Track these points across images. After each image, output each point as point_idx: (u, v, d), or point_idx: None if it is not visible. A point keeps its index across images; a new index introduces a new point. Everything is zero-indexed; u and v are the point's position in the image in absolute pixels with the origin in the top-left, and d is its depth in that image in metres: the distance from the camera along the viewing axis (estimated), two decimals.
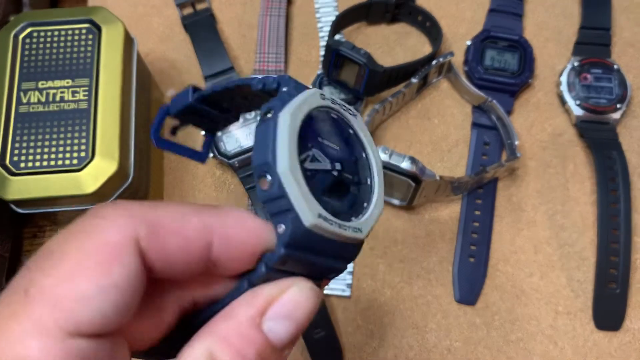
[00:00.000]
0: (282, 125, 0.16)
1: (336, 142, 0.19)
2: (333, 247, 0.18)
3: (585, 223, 0.43)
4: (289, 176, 0.16)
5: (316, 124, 0.18)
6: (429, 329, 0.40)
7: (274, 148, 0.16)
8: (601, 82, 0.45)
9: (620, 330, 0.40)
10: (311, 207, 0.16)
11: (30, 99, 0.37)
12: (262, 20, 0.48)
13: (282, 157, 0.16)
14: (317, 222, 0.16)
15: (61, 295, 0.14)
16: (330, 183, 0.18)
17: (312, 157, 0.18)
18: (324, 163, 0.18)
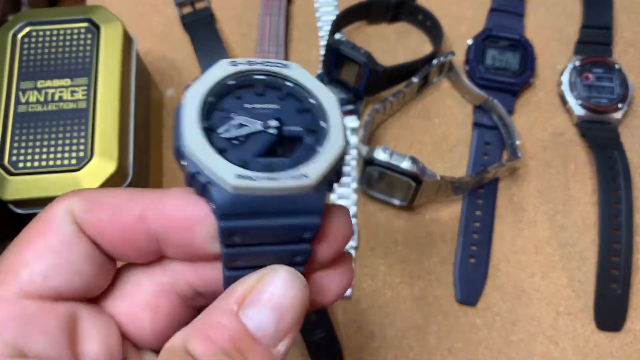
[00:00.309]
0: (185, 107, 0.17)
1: (271, 101, 0.19)
2: (280, 203, 0.17)
3: (586, 223, 0.42)
4: (196, 150, 0.16)
5: (237, 92, 0.18)
6: (429, 329, 0.40)
7: (180, 131, 0.17)
8: (602, 82, 0.45)
9: (621, 330, 0.40)
10: (226, 171, 0.16)
11: (29, 99, 0.37)
12: (261, 19, 0.48)
13: (188, 136, 0.17)
14: (238, 183, 0.16)
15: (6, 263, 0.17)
16: (269, 142, 0.18)
17: (237, 125, 0.18)
18: (254, 125, 0.18)
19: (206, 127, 0.17)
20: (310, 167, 0.17)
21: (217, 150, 0.17)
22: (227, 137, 0.17)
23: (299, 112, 0.19)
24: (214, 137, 0.17)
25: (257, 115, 0.18)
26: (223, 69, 0.18)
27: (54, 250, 0.17)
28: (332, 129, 0.18)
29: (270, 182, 0.16)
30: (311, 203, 0.17)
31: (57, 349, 0.17)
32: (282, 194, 0.17)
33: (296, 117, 0.19)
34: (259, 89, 0.19)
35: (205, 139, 0.17)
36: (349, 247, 0.42)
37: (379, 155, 0.38)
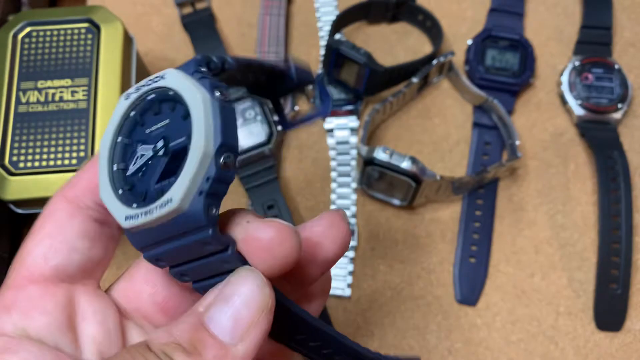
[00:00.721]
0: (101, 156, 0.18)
1: (165, 116, 0.18)
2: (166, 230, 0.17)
3: (586, 223, 0.42)
4: (104, 198, 0.18)
5: (141, 119, 0.18)
6: (429, 329, 0.40)
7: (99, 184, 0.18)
8: (602, 82, 0.45)
9: (621, 330, 0.40)
10: (119, 215, 0.17)
11: (29, 99, 0.37)
12: (261, 19, 0.48)
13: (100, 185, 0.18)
14: (127, 225, 0.17)
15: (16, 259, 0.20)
16: (162, 164, 0.17)
17: (139, 157, 0.18)
18: (147, 153, 0.18)
19: (120, 168, 0.18)
20: (174, 187, 0.16)
21: (123, 191, 0.17)
22: (132, 172, 0.18)
23: (184, 118, 0.17)
24: (126, 175, 0.18)
25: (153, 139, 0.18)
26: (120, 105, 0.18)
27: (50, 235, 0.19)
28: (194, 133, 0.16)
29: (147, 217, 0.16)
30: (190, 222, 0.16)
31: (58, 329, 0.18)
32: (163, 222, 0.16)
33: (183, 125, 0.17)
34: (155, 108, 0.18)
35: (109, 184, 0.18)
36: (349, 247, 0.42)
37: (379, 155, 0.38)
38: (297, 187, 0.44)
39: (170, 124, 0.18)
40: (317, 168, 0.44)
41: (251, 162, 0.42)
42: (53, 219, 0.19)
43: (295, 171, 0.45)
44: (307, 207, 0.43)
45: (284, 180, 0.44)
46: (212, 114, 0.16)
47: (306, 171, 0.45)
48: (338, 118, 0.45)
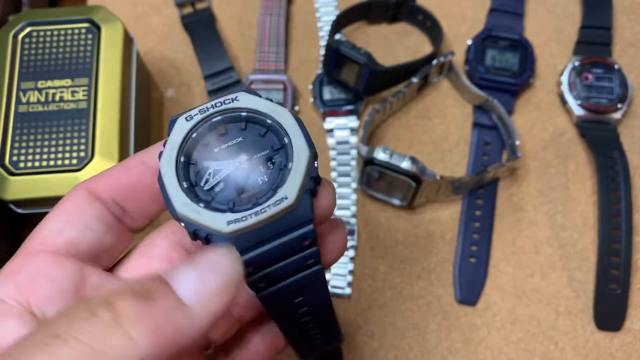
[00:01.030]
0: (164, 175, 0.19)
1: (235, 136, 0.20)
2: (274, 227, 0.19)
3: (586, 223, 0.42)
4: (186, 212, 0.18)
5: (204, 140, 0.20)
6: (429, 329, 0.40)
7: (168, 199, 0.19)
8: (602, 82, 0.45)
9: (621, 330, 0.40)
10: (218, 222, 0.18)
11: (29, 99, 0.37)
12: (262, 19, 0.48)
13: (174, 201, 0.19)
14: (231, 229, 0.18)
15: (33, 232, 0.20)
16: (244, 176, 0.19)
17: (213, 173, 0.19)
18: (226, 168, 0.19)
19: (189, 186, 0.19)
20: (287, 187, 0.19)
21: (204, 204, 0.18)
22: (209, 188, 0.19)
23: (262, 136, 0.20)
24: (199, 191, 0.19)
25: (227, 156, 0.20)
26: (182, 127, 0.20)
27: (68, 212, 0.20)
28: (294, 141, 0.19)
29: (258, 216, 0.18)
30: (299, 217, 0.19)
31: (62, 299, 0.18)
32: (272, 221, 0.18)
33: (260, 141, 0.20)
34: (220, 129, 0.20)
35: (189, 199, 0.18)
36: (349, 247, 0.42)
37: (379, 155, 0.38)
38: None
39: (245, 142, 0.20)
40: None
41: None
42: (72, 201, 0.20)
43: None
44: None
45: None
46: (301, 127, 0.20)
47: None
48: (338, 118, 0.45)
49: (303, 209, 0.19)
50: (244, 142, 0.20)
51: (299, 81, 0.47)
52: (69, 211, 0.20)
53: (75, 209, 0.20)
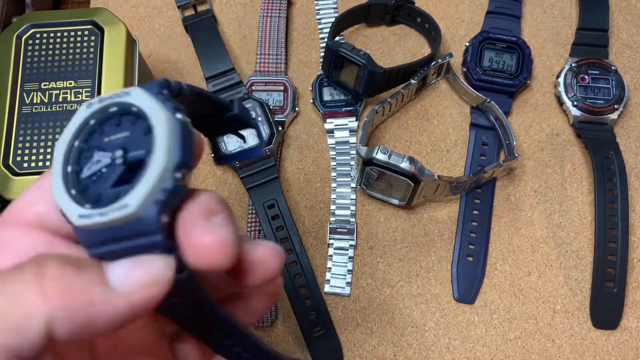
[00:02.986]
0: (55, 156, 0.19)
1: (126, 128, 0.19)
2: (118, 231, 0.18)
3: (582, 222, 0.43)
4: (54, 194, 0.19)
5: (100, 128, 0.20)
6: (427, 327, 0.41)
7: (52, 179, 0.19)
8: (599, 83, 0.45)
9: (617, 328, 0.40)
10: (72, 212, 0.18)
11: (33, 100, 0.37)
12: (262, 21, 0.48)
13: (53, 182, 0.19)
14: (79, 223, 0.18)
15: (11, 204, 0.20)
16: (118, 172, 0.19)
17: (95, 162, 0.19)
18: (104, 160, 0.19)
19: (75, 170, 0.19)
20: (132, 194, 0.18)
21: (76, 191, 0.19)
22: (87, 176, 0.19)
23: (145, 134, 0.19)
24: (80, 178, 0.19)
25: (111, 147, 0.19)
26: (81, 113, 0.20)
27: (42, 186, 0.20)
28: (157, 148, 0.18)
29: (102, 217, 0.18)
30: (143, 227, 0.18)
31: None
32: (115, 225, 0.18)
33: (143, 139, 0.19)
34: (116, 120, 0.20)
35: (62, 184, 0.19)
36: (348, 246, 0.42)
37: (378, 156, 0.39)
38: (297, 186, 0.45)
39: (131, 137, 0.19)
40: (317, 168, 0.45)
41: (252, 162, 0.43)
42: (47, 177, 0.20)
43: (295, 171, 0.45)
44: (307, 207, 0.44)
45: (284, 180, 0.45)
46: (173, 133, 0.19)
47: (306, 171, 0.45)
48: (338, 119, 0.46)
49: (147, 220, 0.18)
50: (128, 137, 0.19)
51: (299, 83, 0.48)
52: (42, 186, 0.20)
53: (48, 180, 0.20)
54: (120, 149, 0.19)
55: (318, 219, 0.44)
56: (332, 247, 0.42)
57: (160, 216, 0.18)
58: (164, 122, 0.19)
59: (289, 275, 0.40)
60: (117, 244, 0.18)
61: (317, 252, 0.43)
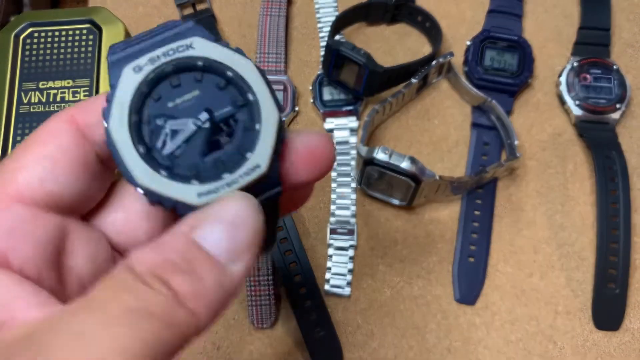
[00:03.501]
0: (117, 141, 0.17)
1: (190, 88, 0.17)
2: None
3: (584, 223, 0.43)
4: (151, 184, 0.16)
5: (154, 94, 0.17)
6: (429, 329, 0.40)
7: (125, 167, 0.16)
8: (600, 82, 0.45)
9: (619, 330, 0.40)
10: (187, 194, 0.16)
11: (31, 99, 0.37)
12: (262, 20, 0.48)
13: (134, 172, 0.16)
14: (202, 201, 0.17)
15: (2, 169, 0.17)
16: (208, 137, 0.17)
17: (170, 134, 0.17)
18: (187, 128, 0.17)
19: (146, 150, 0.17)
20: (258, 153, 0.17)
21: (166, 171, 0.17)
22: (171, 151, 0.17)
23: (221, 89, 0.18)
24: (157, 156, 0.17)
25: (184, 112, 0.17)
26: (130, 80, 0.17)
27: (52, 157, 0.17)
28: (261, 99, 0.18)
29: (231, 187, 0.17)
30: (270, 183, 0.18)
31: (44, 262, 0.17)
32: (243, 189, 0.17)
33: (220, 95, 0.18)
34: (173, 80, 0.17)
35: (150, 167, 0.16)
36: (348, 246, 0.42)
37: (379, 156, 0.39)
38: None
39: (203, 95, 0.18)
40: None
41: None
42: (56, 139, 0.17)
43: None
44: (307, 207, 0.44)
45: None
46: (266, 83, 0.18)
47: None
48: (338, 118, 0.45)
49: (273, 174, 0.17)
50: (201, 96, 0.17)
51: (299, 82, 0.47)
52: (53, 156, 0.17)
53: (60, 153, 0.17)
54: (203, 111, 0.17)
55: (318, 219, 0.43)
56: (332, 247, 0.42)
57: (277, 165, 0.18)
58: (257, 75, 0.18)
59: (289, 276, 0.40)
60: None
61: (317, 252, 0.43)
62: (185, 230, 0.16)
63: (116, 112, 0.17)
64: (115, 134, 0.17)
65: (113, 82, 0.17)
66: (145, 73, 0.17)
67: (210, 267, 0.15)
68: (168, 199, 0.16)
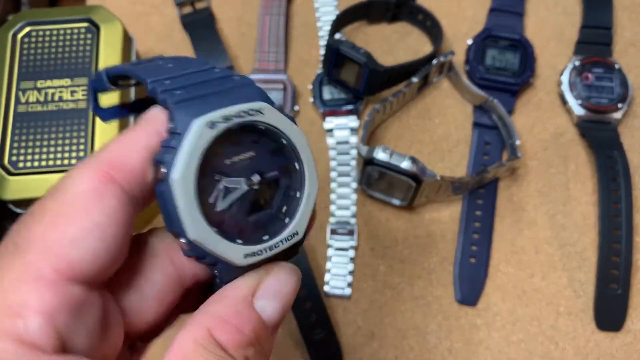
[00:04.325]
0: (178, 192, 0.16)
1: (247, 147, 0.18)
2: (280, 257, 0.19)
3: (586, 223, 0.42)
4: (202, 240, 0.16)
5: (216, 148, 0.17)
6: (429, 329, 0.40)
7: (177, 218, 0.16)
8: (602, 82, 0.45)
9: (621, 330, 0.40)
10: (234, 254, 0.17)
11: (28, 99, 0.37)
12: (261, 19, 0.48)
13: (189, 224, 0.16)
14: (246, 262, 0.17)
15: (51, 241, 0.15)
16: (254, 198, 0.18)
17: (223, 190, 0.17)
18: (240, 187, 0.18)
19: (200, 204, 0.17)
20: (298, 221, 0.18)
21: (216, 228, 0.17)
22: (220, 210, 0.17)
23: (273, 153, 0.19)
24: (209, 211, 0.17)
25: (239, 171, 0.18)
26: (203, 135, 0.17)
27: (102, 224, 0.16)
28: (307, 170, 0.19)
29: (272, 251, 0.18)
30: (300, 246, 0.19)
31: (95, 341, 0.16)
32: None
33: (271, 159, 0.19)
34: (233, 139, 0.18)
35: (205, 222, 0.16)
36: (348, 247, 0.42)
37: (379, 155, 0.38)
38: None
39: (258, 157, 0.18)
40: (317, 168, 0.44)
41: None
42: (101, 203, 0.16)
43: None
44: None
45: None
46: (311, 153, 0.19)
47: None
48: (338, 118, 0.45)
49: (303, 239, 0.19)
50: (255, 157, 0.18)
51: (298, 81, 0.47)
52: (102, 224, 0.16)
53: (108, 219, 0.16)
54: (255, 172, 0.18)
55: (318, 220, 0.43)
56: (332, 247, 0.42)
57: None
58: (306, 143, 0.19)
59: None
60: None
61: (318, 253, 0.42)
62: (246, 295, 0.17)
63: (182, 162, 0.16)
64: (178, 186, 0.16)
65: (180, 130, 0.16)
66: (218, 130, 0.17)
67: (269, 339, 0.17)
68: (213, 255, 0.17)
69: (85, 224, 0.15)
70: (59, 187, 0.16)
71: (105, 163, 0.17)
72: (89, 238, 0.15)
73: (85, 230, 0.15)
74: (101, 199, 0.16)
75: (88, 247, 0.15)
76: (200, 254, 0.17)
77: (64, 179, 0.17)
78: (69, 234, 0.15)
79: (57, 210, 0.16)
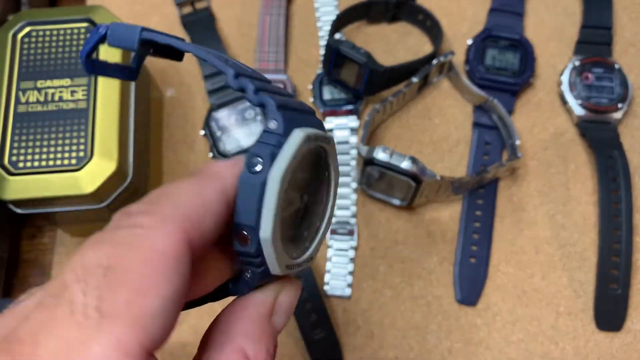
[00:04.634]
0: (271, 191, 0.16)
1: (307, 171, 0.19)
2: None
3: (586, 223, 0.42)
4: (269, 244, 0.17)
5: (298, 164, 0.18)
6: (429, 329, 0.40)
7: (259, 214, 0.16)
8: (602, 82, 0.45)
9: (621, 330, 0.40)
10: (281, 263, 0.18)
11: (28, 99, 0.37)
12: (261, 19, 0.48)
13: (266, 225, 0.16)
14: (284, 272, 0.18)
15: (137, 313, 0.14)
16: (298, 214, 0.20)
17: (289, 201, 0.18)
18: (296, 202, 0.19)
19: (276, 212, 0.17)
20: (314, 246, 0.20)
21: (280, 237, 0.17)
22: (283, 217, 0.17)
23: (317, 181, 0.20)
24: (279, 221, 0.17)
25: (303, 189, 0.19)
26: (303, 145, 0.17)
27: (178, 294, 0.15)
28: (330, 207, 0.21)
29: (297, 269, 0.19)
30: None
31: None
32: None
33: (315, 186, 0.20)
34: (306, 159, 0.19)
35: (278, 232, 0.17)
36: (349, 248, 0.42)
37: (379, 155, 0.38)
38: None
39: (311, 180, 0.20)
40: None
41: None
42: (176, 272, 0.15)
43: None
44: None
45: None
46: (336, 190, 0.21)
47: None
48: (338, 118, 0.45)
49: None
50: (310, 180, 0.19)
51: (298, 81, 0.47)
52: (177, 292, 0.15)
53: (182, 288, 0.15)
54: (306, 194, 0.19)
55: None
56: (332, 248, 0.42)
57: None
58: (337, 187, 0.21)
59: None
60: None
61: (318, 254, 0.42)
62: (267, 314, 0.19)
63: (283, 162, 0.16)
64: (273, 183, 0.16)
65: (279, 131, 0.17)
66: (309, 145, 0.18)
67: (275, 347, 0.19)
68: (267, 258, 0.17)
69: (167, 293, 0.14)
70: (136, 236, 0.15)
71: (185, 221, 0.15)
72: (169, 309, 0.15)
73: (167, 300, 0.14)
74: (181, 264, 0.15)
75: (166, 318, 0.15)
76: (257, 252, 0.17)
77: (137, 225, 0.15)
78: (155, 305, 0.14)
79: (141, 273, 0.14)
